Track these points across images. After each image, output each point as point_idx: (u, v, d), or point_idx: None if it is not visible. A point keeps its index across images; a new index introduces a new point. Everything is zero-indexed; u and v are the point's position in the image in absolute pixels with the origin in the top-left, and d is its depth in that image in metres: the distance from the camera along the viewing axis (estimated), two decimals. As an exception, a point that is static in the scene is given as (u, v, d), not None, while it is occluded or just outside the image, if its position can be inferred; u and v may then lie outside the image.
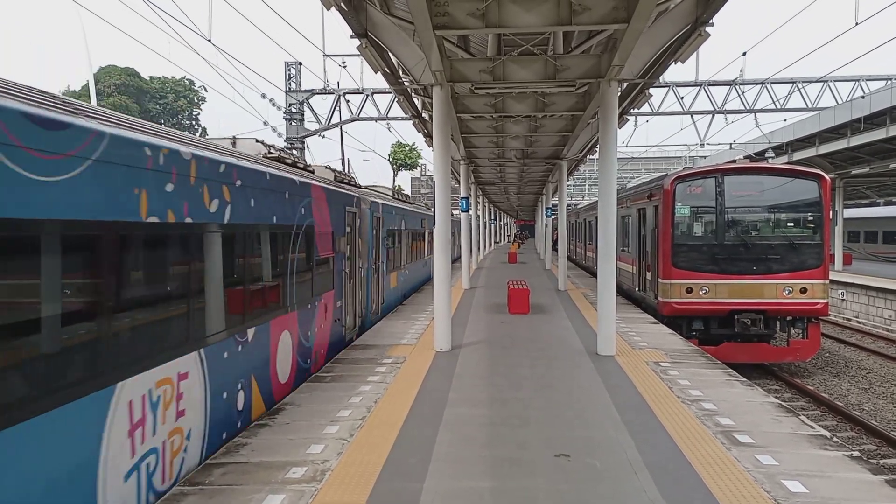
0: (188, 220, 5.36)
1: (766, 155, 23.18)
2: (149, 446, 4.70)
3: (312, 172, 10.19)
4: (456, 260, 28.67)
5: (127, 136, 4.59)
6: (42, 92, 4.21)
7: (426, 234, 23.42)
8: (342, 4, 8.87)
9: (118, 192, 4.43)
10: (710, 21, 8.85)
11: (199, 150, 5.67)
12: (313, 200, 8.87)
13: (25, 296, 3.70)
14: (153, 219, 4.82)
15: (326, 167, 11.97)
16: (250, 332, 6.66)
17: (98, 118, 4.38)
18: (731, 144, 32.38)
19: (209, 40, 15.30)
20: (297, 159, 9.89)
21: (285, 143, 27.86)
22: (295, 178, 8.24)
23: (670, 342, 11.07)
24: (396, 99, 15.07)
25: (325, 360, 9.63)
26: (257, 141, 8.79)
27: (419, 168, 74.12)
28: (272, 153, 8.78)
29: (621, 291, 16.65)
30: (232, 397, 6.26)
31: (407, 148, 64.29)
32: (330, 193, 9.90)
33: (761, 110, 26.34)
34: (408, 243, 19.25)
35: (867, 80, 25.77)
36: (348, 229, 11.11)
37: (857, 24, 14.45)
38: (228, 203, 6.16)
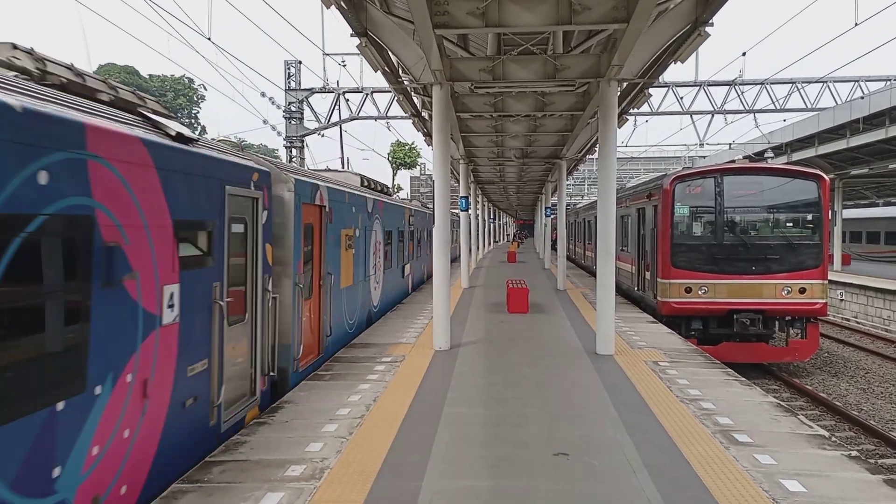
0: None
1: (766, 155, 23.14)
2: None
3: (389, 194, 15.31)
4: (455, 259, 28.66)
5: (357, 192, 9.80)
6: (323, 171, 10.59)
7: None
8: (342, 3, 8.86)
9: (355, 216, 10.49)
10: (710, 21, 8.85)
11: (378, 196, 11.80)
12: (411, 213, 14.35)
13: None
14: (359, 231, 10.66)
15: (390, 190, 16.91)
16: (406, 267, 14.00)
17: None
18: (730, 144, 32.41)
19: (209, 38, 15.29)
20: (384, 186, 15.94)
21: (284, 142, 27.85)
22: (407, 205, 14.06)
23: (669, 342, 11.08)
24: (396, 98, 15.05)
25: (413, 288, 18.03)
26: (354, 173, 13.66)
27: (418, 167, 74.20)
28: (365, 182, 13.73)
29: (620, 291, 16.66)
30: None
31: (406, 147, 64.29)
32: (415, 211, 16.26)
33: (761, 110, 26.32)
34: (427, 240, 23.14)
35: (867, 80, 25.74)
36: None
37: (856, 24, 14.47)
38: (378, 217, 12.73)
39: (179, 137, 5.46)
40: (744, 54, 23.96)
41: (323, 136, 28.59)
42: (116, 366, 4.38)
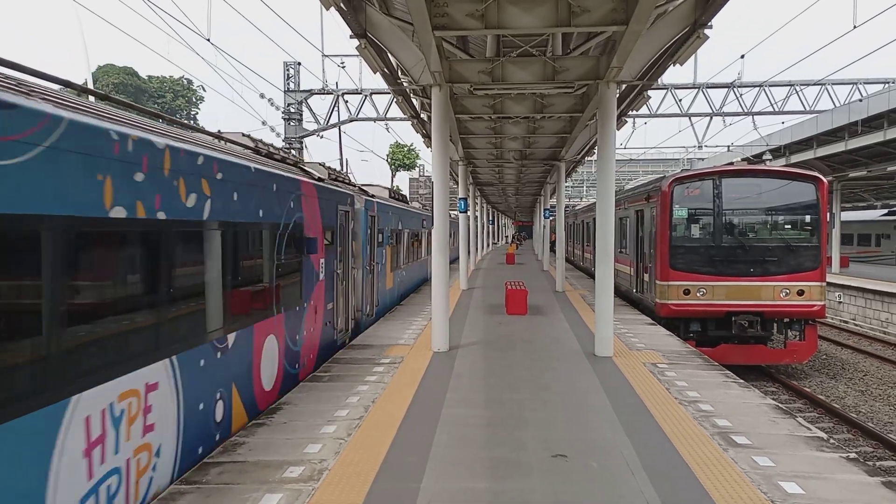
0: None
1: (764, 157, 23.19)
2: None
3: (301, 168, 9.78)
4: (454, 261, 28.64)
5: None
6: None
7: (425, 234, 22.72)
8: (341, 5, 8.87)
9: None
10: (709, 23, 8.87)
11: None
12: (302, 197, 8.55)
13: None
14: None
15: (321, 164, 11.50)
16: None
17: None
18: (729, 147, 32.43)
19: (208, 40, 15.29)
20: (276, 151, 9.09)
21: (284, 143, 27.85)
22: (280, 172, 7.91)
23: (668, 343, 11.09)
24: (395, 99, 15.07)
25: (316, 364, 9.36)
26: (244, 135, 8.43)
27: (417, 169, 74.33)
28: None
29: (619, 293, 16.67)
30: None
31: (405, 148, 64.38)
32: (321, 191, 9.46)
33: (759, 113, 26.38)
34: (404, 243, 18.38)
35: (865, 83, 25.82)
36: (340, 228, 10.79)
37: (855, 27, 14.49)
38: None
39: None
40: (742, 57, 24.06)
41: (322, 137, 28.61)
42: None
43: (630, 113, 16.07)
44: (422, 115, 16.67)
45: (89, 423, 4.12)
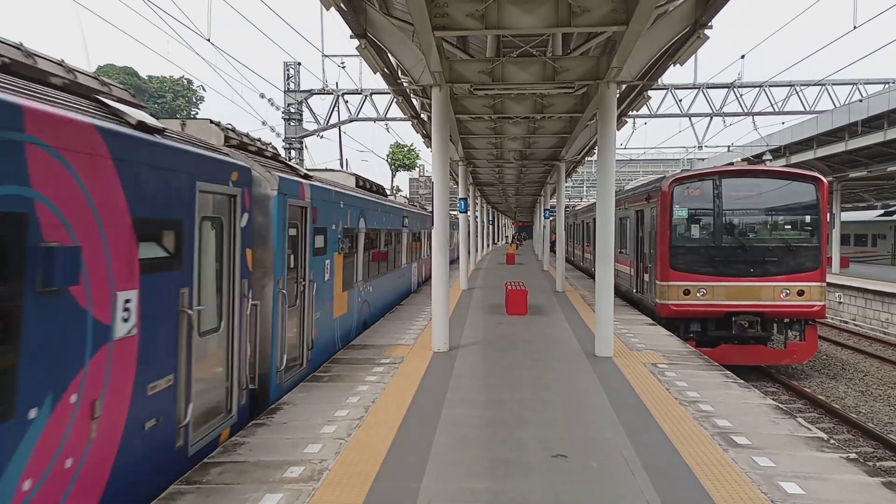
0: None
1: (764, 157, 23.20)
2: None
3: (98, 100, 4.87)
4: (454, 261, 28.62)
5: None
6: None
7: (409, 234, 18.78)
8: (341, 5, 8.88)
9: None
10: (709, 24, 8.87)
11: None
12: (32, 151, 3.51)
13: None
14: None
15: (213, 122, 7.52)
16: None
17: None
18: (729, 147, 32.44)
19: (208, 40, 15.30)
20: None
21: (283, 143, 27.88)
22: None
23: (668, 344, 11.09)
24: (395, 100, 15.07)
25: None
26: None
27: (417, 169, 74.32)
28: None
29: (619, 293, 16.67)
30: None
31: (405, 149, 64.39)
32: (130, 147, 4.48)
33: (759, 113, 26.40)
34: (370, 249, 13.19)
35: (865, 83, 25.85)
36: (210, 225, 5.96)
37: (855, 27, 14.49)
38: None
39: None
40: (742, 57, 24.07)
41: (322, 137, 28.65)
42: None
43: (630, 113, 16.07)
44: (422, 115, 16.67)
45: None
